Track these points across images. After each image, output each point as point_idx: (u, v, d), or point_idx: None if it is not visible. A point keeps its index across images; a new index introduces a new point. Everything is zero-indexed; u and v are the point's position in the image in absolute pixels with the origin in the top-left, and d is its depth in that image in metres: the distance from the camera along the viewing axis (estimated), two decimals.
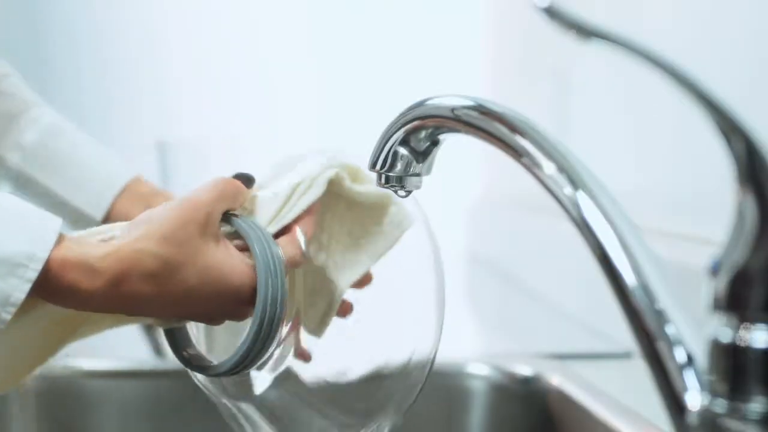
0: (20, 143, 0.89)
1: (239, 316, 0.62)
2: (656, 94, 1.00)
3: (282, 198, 0.64)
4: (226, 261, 0.60)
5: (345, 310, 0.69)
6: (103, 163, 0.89)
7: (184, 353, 0.64)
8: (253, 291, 0.61)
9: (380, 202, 0.68)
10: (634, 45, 0.43)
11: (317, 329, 0.69)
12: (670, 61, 0.43)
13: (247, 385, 0.68)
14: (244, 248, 0.62)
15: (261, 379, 0.68)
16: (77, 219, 0.88)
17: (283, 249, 0.62)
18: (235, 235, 0.63)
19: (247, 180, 0.65)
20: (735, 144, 0.42)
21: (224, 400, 0.68)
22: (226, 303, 0.61)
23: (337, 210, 0.67)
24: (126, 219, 0.77)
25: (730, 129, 0.42)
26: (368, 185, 0.67)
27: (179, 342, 0.65)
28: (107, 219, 0.86)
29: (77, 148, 0.90)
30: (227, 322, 0.64)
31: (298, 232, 0.64)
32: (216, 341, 0.71)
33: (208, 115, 2.00)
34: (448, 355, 1.06)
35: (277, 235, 0.63)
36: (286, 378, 0.69)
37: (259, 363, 0.63)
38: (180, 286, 0.59)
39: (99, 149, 0.91)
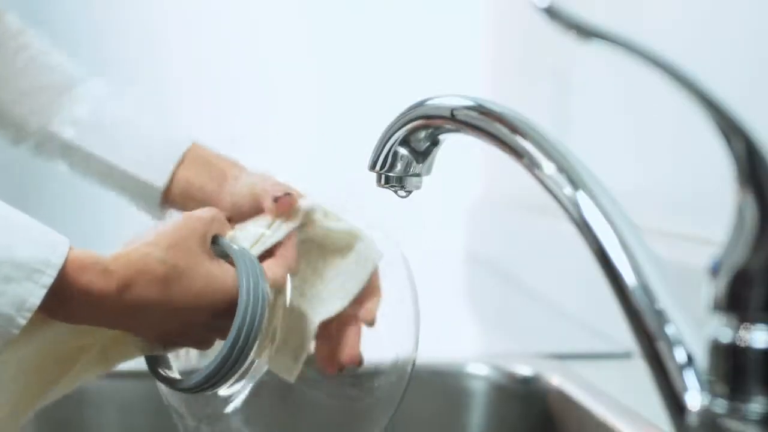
0: (73, 118, 0.86)
1: (221, 333, 0.63)
2: (656, 94, 1.00)
3: (262, 227, 0.68)
4: (224, 272, 0.62)
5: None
6: (160, 131, 0.86)
7: (160, 370, 0.65)
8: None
9: (347, 240, 0.71)
10: (634, 45, 0.43)
11: (290, 368, 0.70)
12: (670, 61, 0.43)
13: (209, 407, 0.69)
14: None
15: (221, 403, 0.70)
16: (140, 191, 0.84)
17: (268, 269, 0.65)
18: (221, 257, 0.65)
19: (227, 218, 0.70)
20: (735, 144, 0.42)
21: (188, 420, 0.69)
22: (224, 314, 0.62)
23: (310, 254, 0.71)
24: (189, 185, 0.79)
25: (730, 129, 0.42)
26: (337, 222, 0.71)
27: (158, 360, 0.65)
28: (170, 188, 0.82)
29: (132, 119, 0.87)
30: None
31: (281, 256, 0.67)
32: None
33: (208, 115, 2.00)
34: (448, 355, 1.06)
35: (260, 259, 0.66)
36: (249, 405, 0.70)
37: (229, 382, 0.63)
38: (184, 293, 0.60)
39: (153, 119, 0.87)
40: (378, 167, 0.60)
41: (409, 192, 0.61)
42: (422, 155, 0.60)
